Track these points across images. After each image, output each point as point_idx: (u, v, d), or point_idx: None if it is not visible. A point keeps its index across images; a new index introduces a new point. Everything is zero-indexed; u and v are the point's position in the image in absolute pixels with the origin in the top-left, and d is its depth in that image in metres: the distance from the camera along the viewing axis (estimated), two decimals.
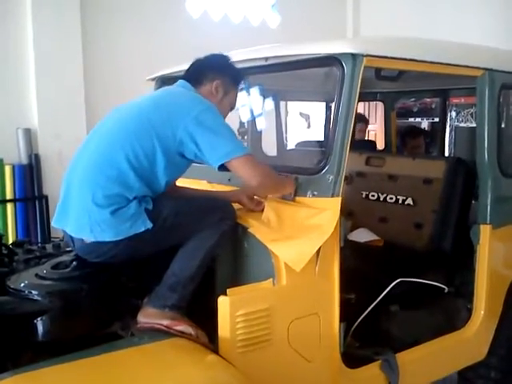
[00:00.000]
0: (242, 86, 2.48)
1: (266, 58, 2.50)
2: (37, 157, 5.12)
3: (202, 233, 2.11)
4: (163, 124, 2.09)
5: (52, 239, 3.19)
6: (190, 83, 2.32)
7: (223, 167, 2.11)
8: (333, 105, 2.31)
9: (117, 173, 2.04)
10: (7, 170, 5.00)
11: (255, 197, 2.40)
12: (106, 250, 2.07)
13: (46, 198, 5.15)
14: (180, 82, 2.36)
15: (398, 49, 2.37)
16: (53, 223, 2.24)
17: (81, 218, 2.06)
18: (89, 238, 2.06)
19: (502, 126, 3.03)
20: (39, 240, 4.84)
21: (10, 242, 2.96)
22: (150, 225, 2.02)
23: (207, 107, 2.16)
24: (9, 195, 5.01)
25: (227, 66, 2.39)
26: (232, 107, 2.42)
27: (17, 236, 4.98)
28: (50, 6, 5.12)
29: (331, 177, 2.20)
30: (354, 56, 2.18)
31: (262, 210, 2.33)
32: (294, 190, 2.32)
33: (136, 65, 5.42)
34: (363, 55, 2.18)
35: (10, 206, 5.02)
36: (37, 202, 5.15)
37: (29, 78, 5.10)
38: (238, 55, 2.67)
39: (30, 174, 5.11)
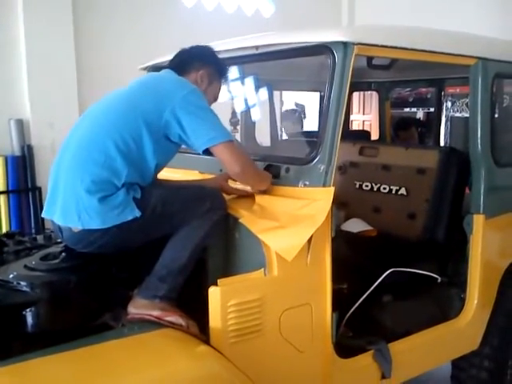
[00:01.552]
0: (225, 79, 2.49)
1: (257, 47, 2.49)
2: (29, 148, 5.11)
3: (193, 223, 2.10)
4: (149, 106, 2.10)
5: (45, 230, 3.17)
6: (175, 72, 2.32)
7: (207, 151, 2.12)
8: (325, 94, 2.29)
9: (104, 158, 2.04)
10: (0, 161, 4.98)
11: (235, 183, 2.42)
12: (93, 240, 2.06)
13: (39, 189, 5.15)
14: (165, 70, 2.36)
15: (390, 37, 2.36)
16: (43, 214, 2.23)
17: (68, 204, 2.04)
18: (76, 227, 2.04)
19: (496, 115, 3.02)
20: (32, 231, 4.83)
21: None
22: (138, 213, 2.01)
23: (193, 90, 2.17)
24: (1, 187, 5.01)
25: (212, 58, 2.41)
26: (215, 98, 2.44)
27: (10, 228, 4.97)
28: None
29: (322, 166, 2.19)
30: (345, 44, 2.17)
31: (247, 195, 2.35)
32: (269, 187, 2.32)
33: (129, 54, 5.39)
34: (354, 43, 2.16)
35: (2, 198, 5.02)
36: (30, 194, 5.14)
37: (20, 68, 5.07)
38: (229, 44, 2.66)
39: (23, 165, 5.11)
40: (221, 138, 2.10)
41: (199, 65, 2.35)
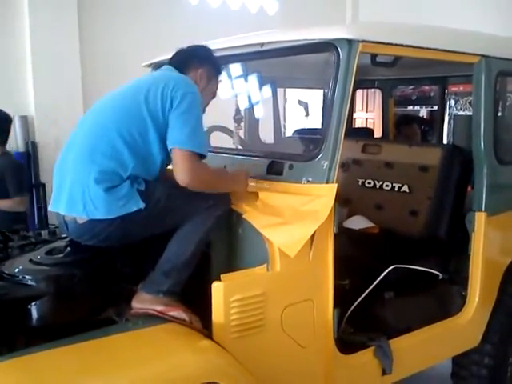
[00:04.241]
0: (221, 76, 2.56)
1: (262, 44, 2.50)
2: (34, 144, 5.12)
3: (196, 218, 2.12)
4: (154, 99, 2.12)
5: (49, 226, 3.19)
6: (176, 70, 2.35)
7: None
8: (329, 91, 2.30)
9: (111, 150, 2.06)
10: None
11: None
12: (98, 231, 2.08)
13: (43, 185, 5.16)
14: (166, 66, 2.39)
15: (394, 34, 2.36)
16: (49, 208, 2.26)
17: (75, 195, 2.06)
18: (81, 216, 2.06)
19: (499, 113, 3.02)
20: (36, 227, 4.84)
21: None
22: (142, 205, 2.03)
23: (196, 93, 2.19)
24: None
25: (210, 56, 2.45)
26: (214, 96, 2.49)
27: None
28: None
29: (326, 163, 2.20)
30: (349, 42, 2.18)
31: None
32: (246, 187, 2.34)
33: (133, 51, 5.39)
34: (359, 41, 2.17)
35: None
36: (34, 190, 5.15)
37: (25, 65, 5.09)
38: (234, 41, 2.67)
39: (27, 161, 5.12)
40: (188, 145, 2.06)
41: (198, 64, 2.38)
